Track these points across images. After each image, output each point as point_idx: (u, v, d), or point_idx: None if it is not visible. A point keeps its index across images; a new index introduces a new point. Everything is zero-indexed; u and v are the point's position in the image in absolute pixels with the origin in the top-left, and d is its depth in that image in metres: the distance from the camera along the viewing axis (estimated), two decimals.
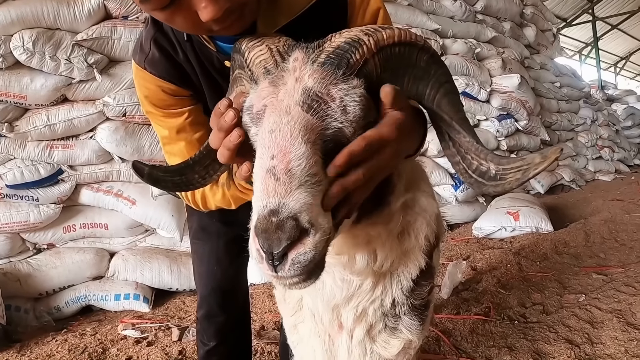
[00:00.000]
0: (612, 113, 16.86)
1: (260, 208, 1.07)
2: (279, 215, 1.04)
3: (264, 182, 1.09)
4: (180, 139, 1.92)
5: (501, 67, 9.16)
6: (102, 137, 5.04)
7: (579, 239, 6.20)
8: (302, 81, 1.18)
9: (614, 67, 33.34)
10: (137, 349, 4.04)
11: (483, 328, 3.94)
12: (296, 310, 1.77)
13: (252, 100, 1.25)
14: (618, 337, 3.52)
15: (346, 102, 1.16)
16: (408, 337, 1.63)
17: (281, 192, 1.07)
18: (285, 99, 1.17)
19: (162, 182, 1.52)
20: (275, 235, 1.03)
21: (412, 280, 1.58)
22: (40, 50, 4.66)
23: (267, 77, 1.24)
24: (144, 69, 1.84)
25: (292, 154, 1.10)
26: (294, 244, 1.05)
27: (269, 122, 1.15)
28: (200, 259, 2.58)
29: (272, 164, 1.09)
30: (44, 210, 4.92)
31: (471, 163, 1.31)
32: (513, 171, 1.20)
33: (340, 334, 1.63)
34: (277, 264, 1.07)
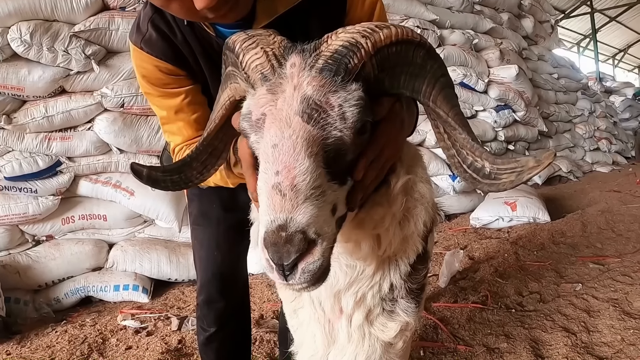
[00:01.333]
0: (610, 105, 16.86)
1: (268, 223, 1.09)
2: (287, 230, 1.07)
3: (271, 198, 1.11)
4: (178, 119, 1.93)
5: (499, 58, 9.15)
6: (100, 128, 5.05)
7: (576, 229, 6.22)
8: (301, 89, 1.18)
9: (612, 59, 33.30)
10: (136, 339, 4.07)
11: (480, 316, 3.97)
12: (296, 297, 1.79)
13: (250, 107, 1.26)
14: (614, 325, 3.54)
15: (345, 109, 1.17)
16: (405, 320, 1.66)
17: (288, 207, 1.10)
18: (285, 108, 1.17)
19: (162, 183, 1.55)
20: (285, 248, 1.06)
21: (409, 265, 1.61)
22: (38, 42, 4.65)
23: (265, 84, 1.24)
24: (141, 49, 1.84)
25: (297, 169, 1.12)
26: (303, 255, 1.09)
27: (270, 136, 1.17)
28: (201, 244, 2.58)
29: (277, 180, 1.12)
30: (42, 202, 4.93)
31: (466, 158, 1.33)
32: (507, 172, 1.21)
33: (339, 319, 1.65)
34: (287, 274, 1.10)
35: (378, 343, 1.68)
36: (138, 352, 3.82)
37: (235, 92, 1.45)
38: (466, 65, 8.44)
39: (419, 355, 3.47)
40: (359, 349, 1.67)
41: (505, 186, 1.22)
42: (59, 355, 3.82)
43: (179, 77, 1.91)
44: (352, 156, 1.23)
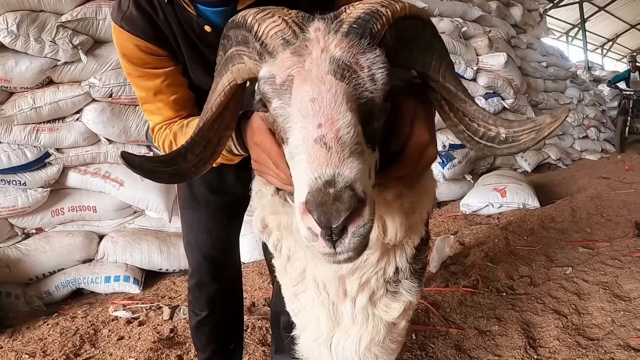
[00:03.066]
0: (599, 93, 16.94)
1: (312, 180, 1.02)
2: (336, 186, 1.01)
3: (314, 153, 1.05)
4: (157, 100, 1.92)
5: (488, 45, 9.16)
6: (88, 118, 5.01)
7: (566, 214, 6.27)
8: (329, 51, 1.16)
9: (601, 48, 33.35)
10: (128, 329, 4.08)
11: (472, 300, 4.00)
12: (299, 281, 1.76)
13: (271, 70, 1.21)
14: (605, 307, 3.58)
15: (374, 71, 1.16)
16: (408, 299, 1.67)
17: (335, 161, 1.04)
18: (314, 68, 1.15)
19: (158, 174, 1.47)
20: (334, 207, 0.99)
21: (414, 248, 1.61)
22: (25, 33, 4.60)
23: (288, 48, 1.20)
24: (121, 28, 1.82)
25: (340, 121, 1.09)
26: (353, 215, 1.02)
27: (306, 91, 1.12)
28: (190, 228, 2.58)
29: (321, 133, 1.06)
30: (31, 194, 4.89)
31: (477, 130, 1.35)
32: (526, 132, 1.24)
33: (344, 301, 1.65)
34: (336, 239, 1.04)
35: (382, 324, 1.68)
36: (130, 342, 3.82)
37: (238, 75, 1.40)
38: (455, 53, 8.44)
39: (411, 339, 3.49)
40: (363, 330, 1.67)
41: (527, 145, 1.25)
42: (51, 347, 3.82)
43: (159, 58, 1.90)
44: (378, 124, 1.22)
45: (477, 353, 3.28)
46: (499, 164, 9.71)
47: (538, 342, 3.33)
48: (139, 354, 3.60)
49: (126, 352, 3.68)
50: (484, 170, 9.12)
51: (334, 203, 0.99)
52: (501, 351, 3.25)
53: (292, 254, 1.70)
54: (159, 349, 3.63)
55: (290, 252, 1.70)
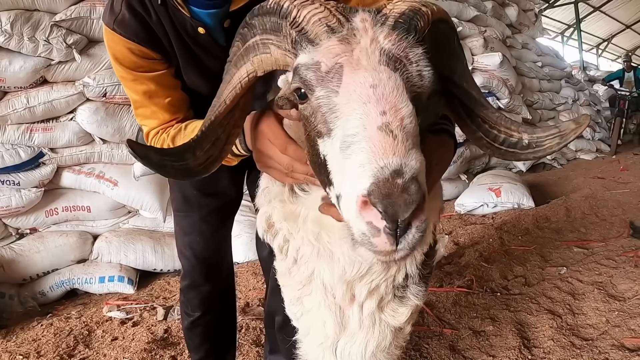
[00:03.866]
0: (594, 93, 16.94)
1: (378, 170, 0.96)
2: (404, 176, 0.96)
3: (379, 140, 1.00)
4: (152, 103, 1.89)
5: (483, 45, 9.18)
6: (82, 118, 5.00)
7: (560, 214, 6.28)
8: (378, 42, 1.14)
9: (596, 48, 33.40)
10: (122, 330, 4.07)
11: (466, 300, 4.00)
12: (304, 285, 1.71)
13: (315, 57, 1.17)
14: (599, 307, 3.58)
15: (421, 67, 1.15)
16: (415, 303, 1.66)
17: (401, 150, 0.99)
18: (364, 58, 1.12)
19: (167, 169, 1.40)
20: (402, 198, 0.94)
21: (423, 254, 1.60)
22: (19, 32, 4.59)
23: (334, 35, 1.16)
24: (113, 30, 1.80)
25: (404, 110, 1.06)
26: (418, 209, 0.97)
27: (364, 77, 1.08)
28: (183, 229, 2.57)
29: (385, 120, 1.02)
30: (25, 194, 4.88)
31: (497, 136, 1.37)
32: (550, 138, 1.28)
33: (351, 306, 1.63)
34: (400, 234, 0.98)
35: (388, 329, 1.67)
36: (124, 343, 3.81)
37: (259, 66, 1.35)
38: None
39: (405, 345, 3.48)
40: (370, 335, 1.66)
41: (552, 149, 1.29)
42: (45, 348, 3.81)
43: (152, 61, 1.87)
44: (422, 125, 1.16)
45: (471, 353, 3.28)
46: (494, 163, 9.72)
47: (532, 342, 3.33)
48: (133, 354, 3.59)
49: (120, 352, 3.67)
50: (479, 169, 9.13)
51: (401, 195, 0.94)
52: (495, 351, 3.26)
53: (299, 256, 1.65)
54: (152, 350, 3.62)
55: (298, 255, 1.65)
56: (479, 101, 1.38)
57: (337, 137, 1.10)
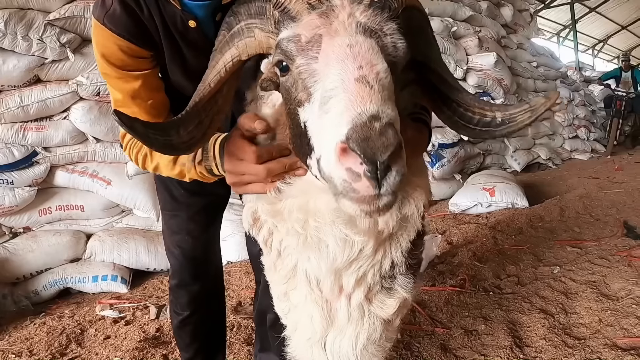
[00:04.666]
0: (589, 94, 16.93)
1: (356, 115, 1.01)
2: (381, 121, 1.01)
3: (357, 90, 1.05)
4: (134, 104, 1.84)
5: (477, 45, 9.19)
6: (76, 117, 5.00)
7: (554, 213, 6.28)
8: (355, 17, 1.21)
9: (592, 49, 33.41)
10: (115, 329, 4.07)
11: (458, 299, 4.00)
12: (289, 278, 1.73)
13: (295, 30, 1.25)
14: (592, 307, 3.57)
15: (395, 39, 1.23)
16: (403, 296, 1.66)
17: (378, 99, 1.04)
18: (341, 28, 1.19)
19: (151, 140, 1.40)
20: (380, 141, 0.99)
21: (410, 242, 1.60)
22: (12, 31, 4.59)
23: (313, 11, 1.25)
24: (103, 25, 1.77)
25: (379, 66, 1.12)
26: (396, 153, 1.01)
27: (341, 40, 1.16)
28: (171, 228, 2.57)
29: (362, 73, 1.08)
30: (19, 193, 4.87)
31: (472, 118, 1.45)
32: (522, 113, 1.36)
33: (338, 299, 1.63)
34: (381, 176, 1.02)
35: (378, 320, 1.67)
36: (116, 342, 3.81)
37: (244, 50, 1.44)
38: (444, 52, 8.44)
39: (397, 338, 3.48)
40: (360, 328, 1.66)
41: (524, 123, 1.36)
42: (37, 347, 3.81)
43: (139, 59, 1.85)
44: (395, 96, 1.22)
45: (463, 352, 3.28)
46: (489, 163, 9.75)
47: (524, 341, 3.32)
48: (125, 353, 3.59)
49: (112, 351, 3.67)
50: (474, 169, 9.14)
51: (379, 137, 0.98)
52: (487, 350, 3.25)
53: (283, 248, 1.67)
54: (144, 349, 3.63)
55: (282, 247, 1.67)
56: (453, 86, 1.47)
57: (317, 98, 1.16)
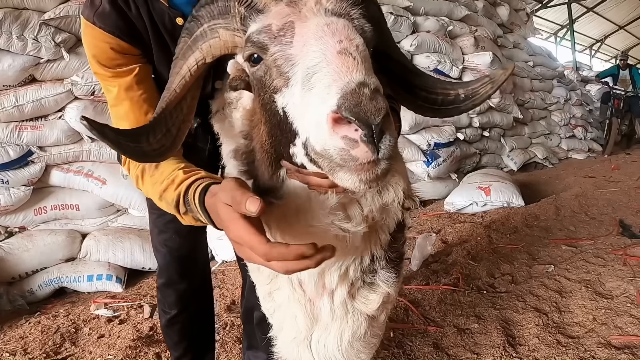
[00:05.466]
0: (586, 93, 16.94)
1: (344, 84, 1.02)
2: (369, 86, 1.02)
3: (341, 61, 1.06)
4: (127, 97, 1.84)
5: (473, 44, 9.19)
6: (71, 116, 5.00)
7: (550, 212, 6.28)
8: (322, 4, 1.22)
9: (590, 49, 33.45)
10: (109, 328, 4.08)
11: (452, 298, 4.00)
12: (272, 279, 1.73)
13: (265, 21, 1.25)
14: (586, 305, 3.57)
15: (362, 23, 1.24)
16: (386, 290, 1.66)
17: (362, 68, 1.06)
18: (311, 14, 1.20)
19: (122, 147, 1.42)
20: (372, 105, 0.99)
21: (389, 234, 1.61)
22: (7, 31, 4.58)
23: (281, 1, 1.26)
24: (93, 24, 1.78)
25: (356, 40, 1.14)
26: (387, 116, 1.02)
27: (317, 22, 1.17)
28: (159, 228, 2.58)
29: (343, 46, 1.09)
30: (14, 192, 4.87)
31: (436, 99, 1.50)
32: (483, 86, 1.43)
33: (321, 297, 1.63)
34: (377, 139, 1.02)
35: (362, 317, 1.67)
36: (110, 340, 3.83)
37: (208, 52, 1.43)
38: (440, 52, 8.45)
39: (389, 337, 3.49)
40: (344, 325, 1.66)
41: (487, 94, 1.43)
42: (32, 345, 3.82)
43: (129, 56, 1.86)
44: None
45: (455, 351, 3.28)
46: (485, 162, 9.76)
47: (517, 340, 3.33)
48: (118, 351, 3.60)
49: (105, 350, 3.68)
50: (470, 169, 9.14)
51: (370, 102, 0.99)
52: (479, 349, 3.26)
53: None
54: (137, 347, 3.64)
55: None
56: (413, 71, 1.53)
57: (297, 79, 1.15)
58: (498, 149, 10.18)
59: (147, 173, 1.75)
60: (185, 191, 1.55)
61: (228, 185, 1.30)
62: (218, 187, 1.38)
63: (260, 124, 1.40)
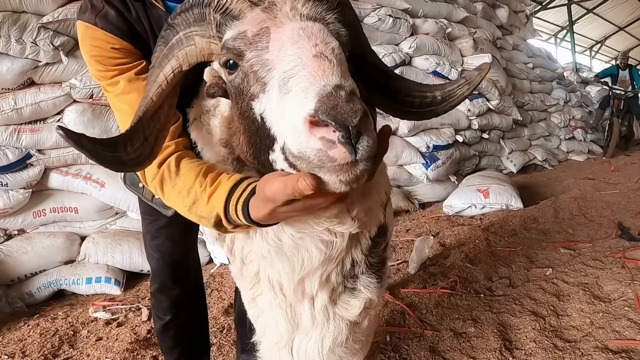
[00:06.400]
0: (586, 95, 16.89)
1: (321, 88, 1.04)
2: (346, 89, 1.03)
3: (317, 65, 1.08)
4: (132, 89, 1.81)
5: (472, 47, 9.18)
6: (69, 119, 5.00)
7: (548, 215, 6.28)
8: (297, 9, 1.24)
9: (590, 50, 33.44)
10: (107, 330, 4.09)
11: (449, 301, 4.00)
12: (254, 284, 1.75)
13: (241, 27, 1.27)
14: (584, 309, 3.57)
15: (337, 27, 1.26)
16: (367, 296, 1.66)
17: (338, 71, 1.07)
18: (286, 19, 1.22)
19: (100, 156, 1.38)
20: (348, 107, 1.01)
21: (370, 239, 1.61)
22: (6, 34, 4.59)
23: (256, 8, 1.27)
24: (95, 26, 1.79)
25: (332, 43, 1.15)
26: (365, 118, 1.03)
27: (292, 26, 1.19)
28: (152, 233, 2.59)
29: (319, 50, 1.11)
30: (13, 195, 4.87)
31: (413, 102, 1.50)
32: (460, 87, 1.44)
33: (302, 303, 1.63)
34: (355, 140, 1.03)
35: (343, 323, 1.67)
36: (108, 343, 3.84)
37: (184, 60, 1.44)
38: (439, 54, 8.44)
39: (385, 340, 3.50)
40: (325, 331, 1.66)
41: (464, 95, 1.45)
42: (30, 348, 3.83)
43: (133, 55, 1.86)
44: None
45: (452, 355, 3.29)
46: (485, 164, 9.75)
47: (514, 344, 3.33)
48: (115, 354, 3.62)
49: (103, 352, 3.70)
50: (469, 171, 9.12)
51: (347, 104, 1.01)
52: (476, 353, 3.26)
53: (245, 255, 1.68)
54: (135, 350, 3.66)
55: (244, 253, 1.68)
56: (390, 75, 1.54)
57: (274, 84, 1.16)
58: (497, 151, 10.16)
59: (167, 183, 1.69)
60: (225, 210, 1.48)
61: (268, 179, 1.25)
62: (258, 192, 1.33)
63: (239, 133, 1.40)
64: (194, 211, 1.60)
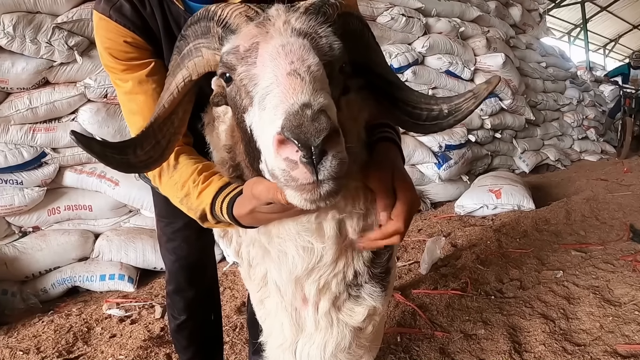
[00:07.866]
0: (599, 94, 16.75)
1: (289, 106, 1.05)
2: (313, 107, 1.04)
3: (288, 83, 1.09)
4: (141, 91, 1.84)
5: (485, 46, 9.12)
6: (84, 119, 5.04)
7: (560, 216, 6.24)
8: (290, 23, 1.26)
9: (603, 49, 33.24)
10: (120, 327, 4.13)
11: (459, 303, 4.01)
12: (261, 287, 1.78)
13: (235, 42, 1.30)
14: (594, 312, 3.56)
15: (331, 41, 1.27)
16: (371, 304, 1.67)
17: (309, 89, 1.08)
18: (276, 34, 1.24)
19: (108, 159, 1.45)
20: (313, 126, 1.01)
21: (371, 252, 1.63)
22: (21, 34, 4.63)
23: (251, 22, 1.30)
24: (109, 18, 1.80)
25: (310, 60, 1.16)
26: (331, 138, 1.03)
27: (275, 42, 1.21)
28: (168, 235, 2.60)
29: (294, 67, 1.12)
30: (28, 193, 4.93)
31: (420, 114, 1.50)
32: (466, 101, 1.42)
33: (305, 306, 1.65)
34: (317, 161, 1.04)
35: (347, 329, 1.69)
36: (121, 340, 3.88)
37: (194, 70, 1.49)
38: (452, 53, 8.41)
39: (396, 341, 3.52)
40: (328, 336, 1.68)
41: (470, 109, 1.42)
42: (45, 344, 3.87)
43: (143, 51, 1.88)
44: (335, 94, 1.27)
45: (461, 357, 3.29)
46: (497, 164, 9.73)
47: (524, 346, 3.33)
48: (129, 351, 3.65)
49: (117, 349, 3.73)
50: (482, 170, 9.10)
51: (312, 123, 1.01)
52: (485, 355, 3.27)
53: (252, 258, 1.73)
54: (148, 347, 3.69)
55: (250, 257, 1.73)
56: (398, 86, 1.52)
57: (257, 99, 1.19)
58: (510, 151, 10.13)
59: (165, 174, 1.79)
60: (211, 206, 1.61)
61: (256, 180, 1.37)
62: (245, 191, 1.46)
63: (240, 141, 1.45)
64: (184, 203, 1.73)
